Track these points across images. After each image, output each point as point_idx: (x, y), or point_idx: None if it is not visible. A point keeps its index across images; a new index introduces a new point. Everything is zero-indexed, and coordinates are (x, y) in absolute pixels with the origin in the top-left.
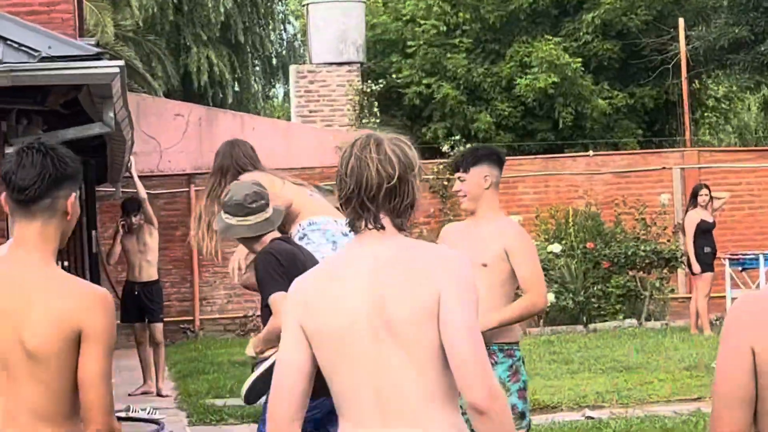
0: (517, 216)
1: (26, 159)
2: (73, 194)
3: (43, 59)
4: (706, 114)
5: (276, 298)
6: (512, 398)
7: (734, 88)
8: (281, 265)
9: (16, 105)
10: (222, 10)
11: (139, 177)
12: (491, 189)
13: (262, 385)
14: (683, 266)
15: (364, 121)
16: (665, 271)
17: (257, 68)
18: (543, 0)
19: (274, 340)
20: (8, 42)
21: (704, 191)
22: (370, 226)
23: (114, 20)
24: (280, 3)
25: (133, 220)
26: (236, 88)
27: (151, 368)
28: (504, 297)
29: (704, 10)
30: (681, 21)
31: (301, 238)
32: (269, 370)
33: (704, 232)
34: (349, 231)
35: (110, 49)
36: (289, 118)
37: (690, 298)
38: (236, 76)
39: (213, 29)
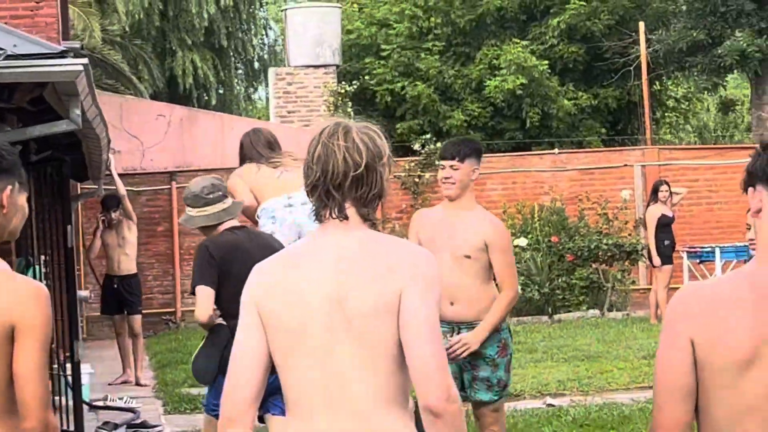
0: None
1: None
2: (9, 187)
3: (8, 57)
4: (666, 114)
5: (197, 290)
6: (500, 372)
7: (693, 89)
8: (212, 257)
9: None
10: (206, 15)
11: (122, 175)
12: (473, 182)
13: (204, 359)
14: (644, 259)
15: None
16: (626, 263)
17: (240, 71)
18: (511, 5)
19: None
20: None
21: (664, 187)
22: (334, 215)
23: (101, 25)
24: (261, 9)
25: (113, 215)
26: (220, 91)
27: (130, 358)
28: (484, 284)
29: (664, 15)
30: (641, 25)
31: (262, 226)
32: (205, 346)
33: (664, 226)
34: (314, 220)
35: (98, 53)
36: (269, 119)
37: (650, 289)
38: (220, 78)
39: (197, 34)
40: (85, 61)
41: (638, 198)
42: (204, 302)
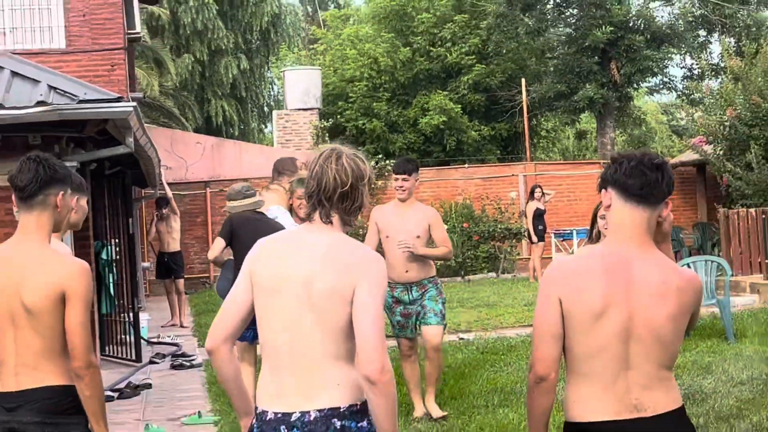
0: None
1: (25, 166)
2: (61, 192)
3: (80, 101)
4: (540, 140)
5: (215, 240)
6: (440, 306)
7: (558, 123)
8: (231, 223)
9: (65, 133)
10: (231, 75)
11: (171, 183)
12: (415, 187)
13: (222, 281)
14: (525, 238)
15: (319, 145)
16: (513, 241)
17: (254, 113)
18: (436, 67)
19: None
20: (57, 90)
21: (538, 189)
22: (323, 219)
23: (159, 81)
24: (268, 71)
25: (163, 211)
26: (240, 126)
27: (176, 309)
28: None
29: (538, 74)
30: (523, 81)
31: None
32: (222, 274)
33: (538, 216)
34: (307, 218)
35: (156, 100)
36: (273, 145)
37: (529, 258)
38: (240, 118)
39: (225, 88)
40: (134, 104)
41: (521, 197)
42: (215, 247)
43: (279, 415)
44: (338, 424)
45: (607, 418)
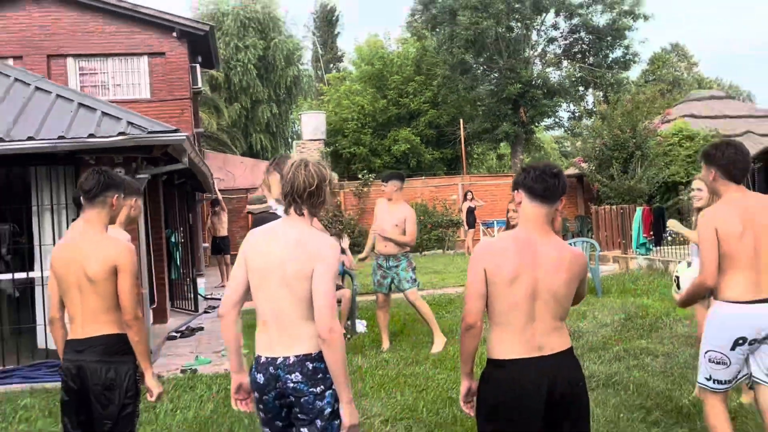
0: None
1: (90, 175)
2: (116, 195)
3: (149, 132)
4: (473, 161)
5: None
6: (410, 273)
7: (485, 149)
8: (254, 220)
9: (139, 155)
10: (266, 117)
11: (222, 190)
12: (399, 191)
13: None
14: (462, 226)
15: (330, 173)
16: (454, 228)
17: (282, 142)
18: (402, 111)
19: None
20: (132, 124)
21: (470, 194)
22: (297, 212)
23: (217, 122)
24: (291, 114)
25: (215, 209)
26: (272, 152)
27: (224, 275)
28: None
29: (472, 116)
30: (461, 121)
31: (275, 209)
32: None
33: (470, 211)
34: (285, 212)
35: (215, 134)
36: None
37: (464, 240)
38: (273, 146)
39: (262, 126)
40: (186, 135)
41: (460, 198)
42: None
43: (269, 359)
44: (310, 365)
45: (518, 356)
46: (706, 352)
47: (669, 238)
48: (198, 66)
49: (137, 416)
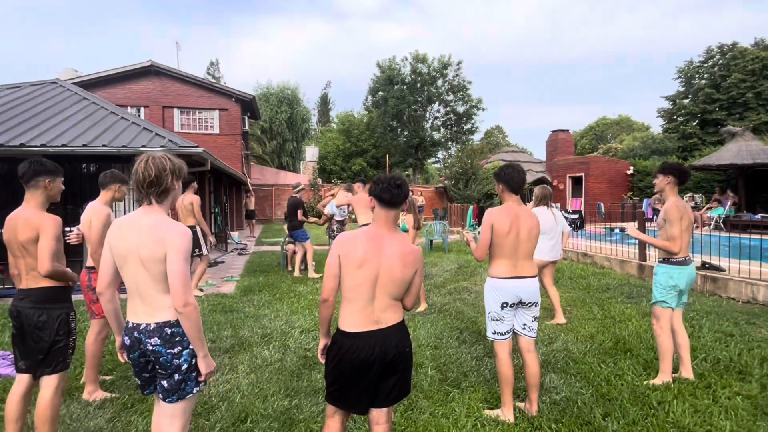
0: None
1: (24, 164)
2: (47, 179)
3: (180, 146)
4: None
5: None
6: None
7: (400, 171)
8: (289, 200)
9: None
10: (289, 149)
11: (256, 184)
12: (363, 188)
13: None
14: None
15: (317, 179)
16: None
17: (297, 161)
18: (359, 149)
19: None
20: (171, 141)
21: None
22: (147, 202)
23: (262, 149)
24: (302, 147)
25: (248, 193)
26: (291, 166)
27: (252, 231)
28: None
29: (393, 153)
30: (387, 156)
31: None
32: None
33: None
34: (138, 204)
35: (259, 156)
36: (300, 173)
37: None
38: (291, 163)
39: (287, 153)
40: (202, 149)
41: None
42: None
43: (134, 325)
44: (168, 331)
45: (360, 330)
46: (488, 313)
47: None
48: (246, 117)
49: (70, 350)
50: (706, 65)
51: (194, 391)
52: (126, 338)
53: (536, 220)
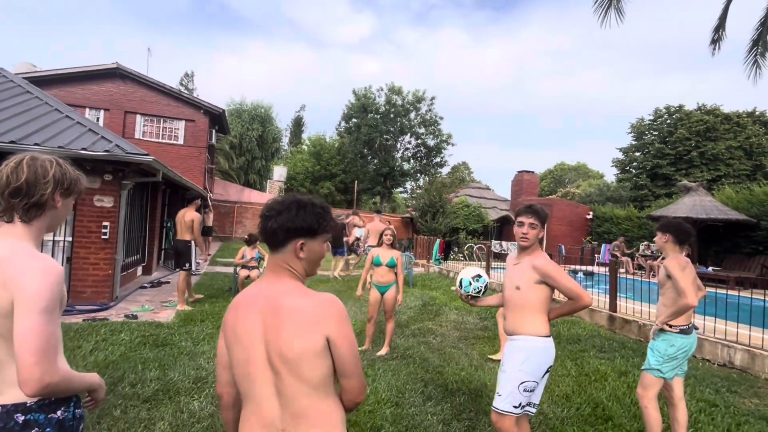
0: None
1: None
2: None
3: (127, 153)
4: (362, 204)
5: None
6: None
7: (368, 198)
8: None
9: (123, 168)
10: (257, 167)
11: (219, 200)
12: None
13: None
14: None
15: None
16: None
17: (264, 180)
18: (328, 173)
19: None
20: (119, 146)
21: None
22: (5, 218)
23: (228, 165)
24: (270, 165)
25: (205, 209)
26: (258, 184)
27: (205, 250)
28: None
29: (362, 180)
30: (356, 182)
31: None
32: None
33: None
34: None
35: (225, 171)
36: (266, 192)
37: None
38: (258, 182)
39: (255, 170)
40: (152, 158)
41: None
42: None
43: None
44: (20, 419)
45: None
46: (524, 383)
47: (452, 257)
48: (214, 131)
49: None
50: (655, 123)
51: None
52: None
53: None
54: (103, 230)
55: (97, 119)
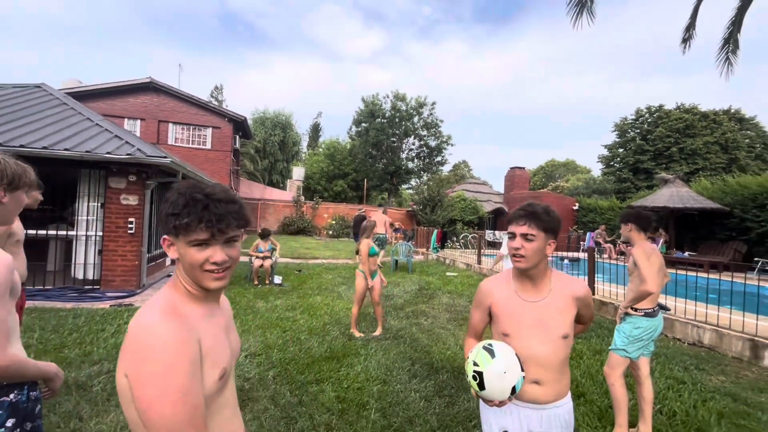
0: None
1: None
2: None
3: (147, 155)
4: (371, 199)
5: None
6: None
7: (376, 194)
8: (354, 220)
9: (145, 169)
10: (280, 168)
11: (245, 198)
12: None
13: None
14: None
15: (300, 196)
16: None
17: (285, 179)
18: (341, 173)
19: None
20: (140, 150)
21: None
22: None
23: (253, 166)
24: (291, 166)
25: None
26: (282, 184)
27: None
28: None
29: (372, 178)
30: (366, 180)
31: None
32: None
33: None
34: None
35: (250, 173)
36: (286, 189)
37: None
38: (280, 180)
39: (278, 171)
40: (171, 159)
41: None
42: None
43: None
44: None
45: None
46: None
47: (449, 245)
48: (238, 136)
49: None
50: (637, 122)
51: None
52: None
53: None
54: (129, 225)
55: (135, 128)
